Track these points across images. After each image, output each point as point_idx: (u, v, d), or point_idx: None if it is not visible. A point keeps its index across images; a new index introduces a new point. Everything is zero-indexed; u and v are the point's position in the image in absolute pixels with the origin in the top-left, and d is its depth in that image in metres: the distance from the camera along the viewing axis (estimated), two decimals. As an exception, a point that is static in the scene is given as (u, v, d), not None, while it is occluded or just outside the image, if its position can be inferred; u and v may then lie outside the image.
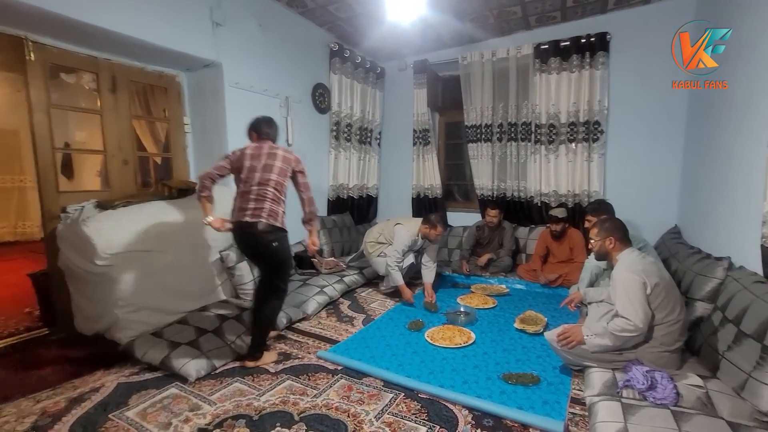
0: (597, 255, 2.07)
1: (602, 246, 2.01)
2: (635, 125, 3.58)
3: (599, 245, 2.03)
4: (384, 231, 3.32)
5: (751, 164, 2.09)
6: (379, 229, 3.42)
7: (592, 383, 1.76)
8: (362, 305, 3.11)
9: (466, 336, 2.42)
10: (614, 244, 1.97)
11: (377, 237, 3.35)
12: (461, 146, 4.74)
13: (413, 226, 3.14)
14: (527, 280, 3.53)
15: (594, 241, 2.06)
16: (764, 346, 1.51)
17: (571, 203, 3.83)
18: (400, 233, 3.10)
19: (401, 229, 3.13)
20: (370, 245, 3.37)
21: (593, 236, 2.07)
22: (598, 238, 2.03)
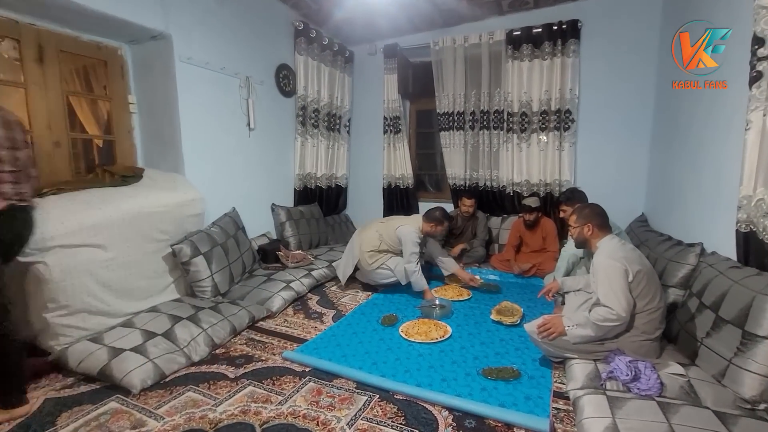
0: (576, 242, 2.01)
1: (581, 233, 1.95)
2: (605, 114, 3.59)
3: (578, 232, 1.96)
4: (384, 236, 2.96)
5: (722, 151, 2.09)
6: (375, 235, 2.98)
7: (575, 376, 1.69)
8: (332, 300, 2.93)
9: (442, 330, 2.30)
10: (593, 230, 1.91)
11: (377, 245, 2.98)
12: (432, 135, 4.63)
13: (416, 224, 2.94)
14: (501, 270, 3.48)
15: (572, 228, 1.99)
16: (745, 332, 1.48)
17: (543, 192, 3.81)
18: (409, 235, 2.82)
19: (409, 230, 2.84)
20: (370, 255, 2.93)
21: (572, 223, 2.00)
22: (576, 225, 1.97)
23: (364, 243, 2.99)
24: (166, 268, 2.49)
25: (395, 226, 2.92)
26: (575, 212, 2.00)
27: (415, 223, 2.93)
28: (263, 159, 3.58)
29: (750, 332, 1.46)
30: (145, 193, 2.36)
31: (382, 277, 2.99)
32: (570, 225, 2.02)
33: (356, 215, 4.88)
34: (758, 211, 1.61)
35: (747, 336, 1.47)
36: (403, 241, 2.84)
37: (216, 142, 3.04)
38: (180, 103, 2.70)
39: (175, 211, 2.50)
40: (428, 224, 2.89)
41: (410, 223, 2.95)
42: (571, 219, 2.01)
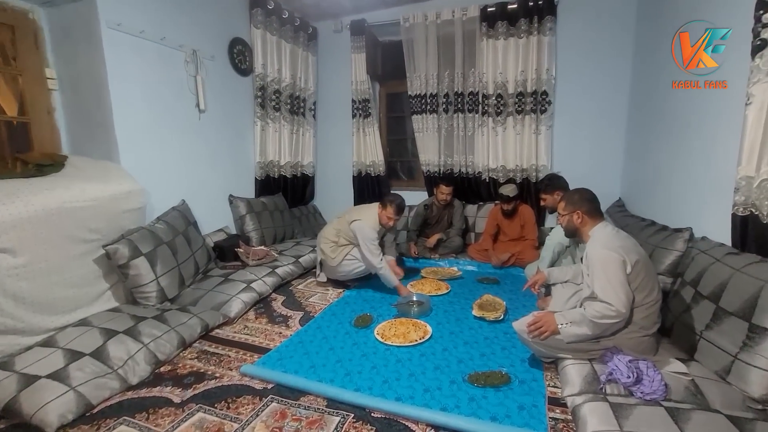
0: (566, 231, 1.84)
1: (570, 221, 1.78)
2: (581, 96, 3.47)
3: (567, 220, 1.79)
4: (341, 231, 2.75)
5: (713, 130, 1.97)
6: (333, 229, 2.79)
7: (570, 379, 1.53)
8: (299, 300, 2.66)
9: (421, 330, 2.09)
10: (583, 218, 1.74)
11: (336, 239, 2.76)
12: (403, 120, 4.38)
13: (371, 217, 2.69)
14: (479, 260, 3.32)
15: (561, 217, 1.82)
16: (752, 325, 1.36)
17: (519, 178, 3.67)
18: (361, 230, 2.59)
19: (361, 226, 2.61)
20: (331, 249, 2.75)
21: (560, 211, 1.83)
22: (565, 212, 1.79)
23: (323, 239, 2.82)
24: (100, 272, 2.12)
25: (350, 220, 2.69)
26: (563, 199, 1.83)
27: (371, 216, 2.69)
28: (218, 145, 3.20)
29: (758, 325, 1.34)
30: (66, 184, 1.97)
31: (351, 269, 2.75)
32: (559, 213, 1.85)
33: (325, 206, 4.58)
34: (762, 192, 1.48)
35: (754, 329, 1.35)
36: (358, 237, 2.62)
37: (158, 124, 2.64)
38: (110, 78, 2.29)
39: (108, 206, 2.13)
40: (381, 211, 2.68)
41: (366, 215, 2.69)
42: (560, 206, 1.84)
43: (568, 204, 1.78)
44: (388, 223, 2.69)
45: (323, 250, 2.80)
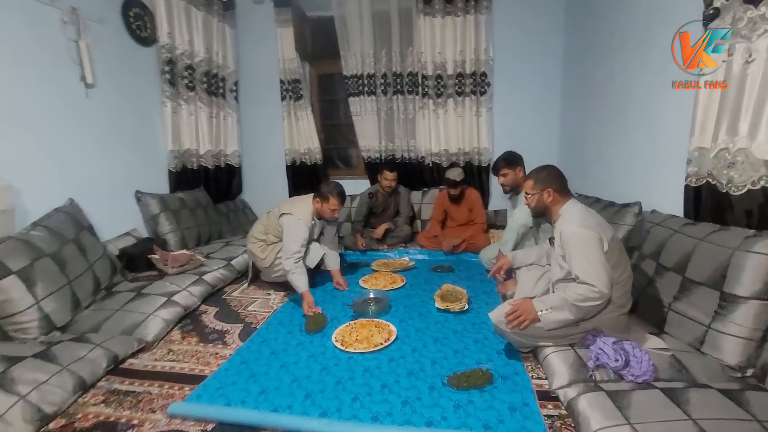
0: (535, 211, 1.74)
1: (540, 200, 1.68)
2: (519, 77, 3.49)
3: (536, 200, 1.69)
4: (270, 227, 2.39)
5: (657, 105, 2.02)
6: (261, 226, 2.43)
7: (556, 369, 1.42)
8: (236, 310, 2.26)
9: (385, 331, 1.87)
10: (553, 196, 1.65)
11: (265, 237, 2.39)
12: (338, 104, 4.07)
13: (304, 209, 2.35)
14: (429, 248, 3.19)
15: (530, 196, 1.71)
16: (724, 294, 1.37)
17: (462, 162, 3.61)
18: (290, 227, 2.26)
19: (289, 220, 2.27)
20: (259, 249, 2.40)
21: (528, 190, 1.72)
22: (534, 191, 1.68)
23: (251, 238, 2.45)
24: (-56, 303, 1.53)
25: (278, 214, 2.34)
26: (531, 177, 1.72)
27: (304, 208, 2.35)
28: (115, 129, 2.60)
29: (730, 293, 1.35)
30: None
31: None
32: (526, 192, 1.74)
33: (256, 200, 4.10)
34: (720, 162, 1.50)
35: (727, 298, 1.36)
36: (285, 233, 2.28)
37: (26, 100, 2.02)
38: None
39: (-49, 211, 1.53)
40: (316, 201, 2.36)
41: (298, 209, 2.33)
42: (527, 185, 1.73)
43: (537, 182, 1.68)
44: (333, 216, 2.39)
45: (252, 251, 2.43)
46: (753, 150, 1.35)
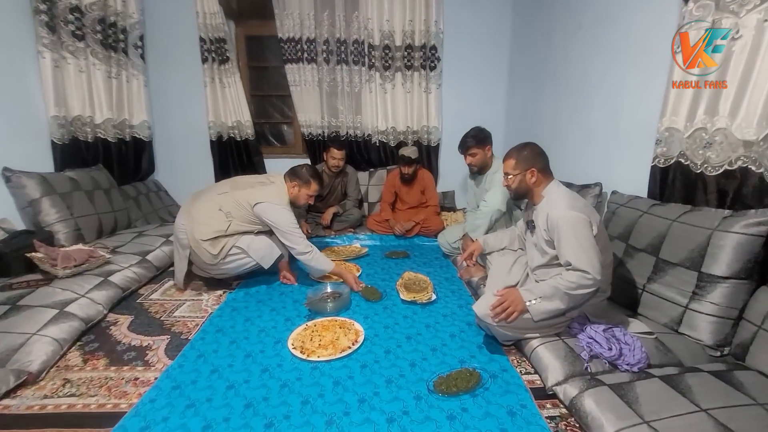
0: (516, 193, 1.60)
1: (522, 181, 1.55)
2: (466, 53, 3.37)
3: (518, 180, 1.55)
4: (234, 214, 1.98)
5: (619, 83, 2.01)
6: (217, 215, 1.97)
7: (548, 363, 1.32)
8: (158, 318, 1.82)
9: (352, 332, 1.62)
10: (537, 177, 1.53)
11: (224, 228, 1.95)
12: (270, 72, 3.58)
13: (279, 195, 2.03)
14: (380, 233, 2.98)
15: (512, 177, 1.57)
16: (702, 274, 1.37)
17: (411, 142, 3.42)
18: (277, 213, 1.99)
19: (275, 209, 1.99)
20: (211, 244, 1.94)
21: (509, 170, 1.57)
22: (516, 171, 1.55)
23: (200, 227, 1.95)
24: None
25: (251, 201, 1.98)
26: (512, 156, 1.57)
27: (277, 191, 2.05)
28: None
29: (708, 273, 1.35)
30: None
31: (235, 268, 2.04)
32: (506, 173, 1.59)
33: (173, 181, 3.48)
34: (695, 143, 1.49)
35: (705, 278, 1.36)
36: (274, 223, 2.00)
37: None
38: None
39: None
40: (292, 185, 2.08)
41: (271, 192, 2.02)
42: (507, 165, 1.58)
43: (519, 161, 1.54)
44: (308, 202, 2.15)
45: (198, 242, 1.95)
46: (733, 130, 1.35)
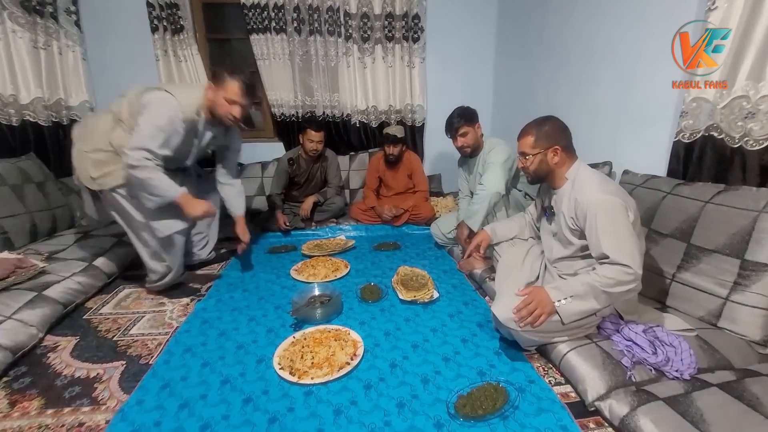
0: (535, 176, 1.39)
1: (543, 161, 1.34)
2: (451, 23, 3.10)
3: (538, 161, 1.34)
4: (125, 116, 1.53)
5: (632, 51, 1.82)
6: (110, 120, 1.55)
7: (584, 373, 1.14)
8: (109, 338, 1.51)
9: (349, 344, 1.38)
10: (560, 156, 1.32)
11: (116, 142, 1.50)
12: (233, 45, 3.16)
13: (186, 92, 1.58)
14: (366, 222, 2.72)
15: (531, 157, 1.35)
16: (745, 262, 1.22)
17: (393, 122, 3.15)
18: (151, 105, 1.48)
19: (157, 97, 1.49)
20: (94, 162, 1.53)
21: (527, 149, 1.35)
22: (536, 150, 1.33)
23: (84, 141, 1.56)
24: None
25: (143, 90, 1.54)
26: (530, 132, 1.35)
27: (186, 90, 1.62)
28: None
29: (754, 261, 1.20)
30: None
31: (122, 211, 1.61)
32: (523, 153, 1.37)
33: (124, 171, 3.05)
34: (733, 113, 1.33)
35: (750, 266, 1.21)
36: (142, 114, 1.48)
37: None
38: None
39: None
40: (213, 92, 1.58)
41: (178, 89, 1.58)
42: (524, 143, 1.36)
43: (540, 138, 1.32)
44: (229, 115, 1.59)
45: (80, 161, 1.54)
46: (784, 97, 1.18)
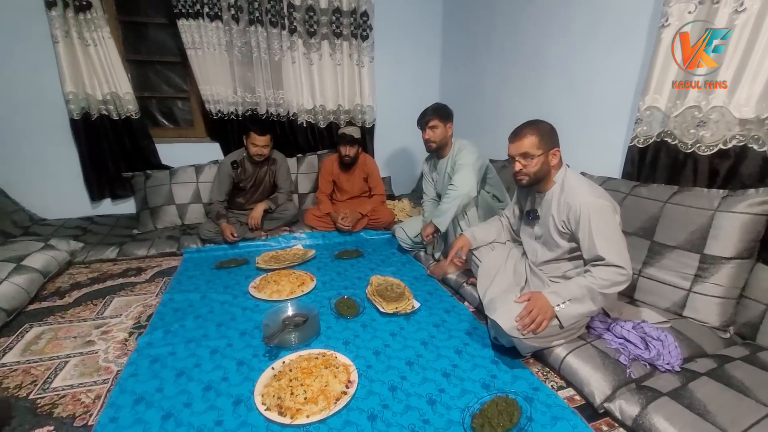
0: (534, 179, 1.34)
1: (545, 164, 1.33)
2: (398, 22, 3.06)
3: (540, 163, 1.31)
4: None
5: (580, 60, 1.95)
6: None
7: (587, 376, 1.16)
8: (23, 398, 1.16)
9: (341, 370, 1.24)
10: (557, 158, 1.34)
11: None
12: (151, 31, 2.74)
13: None
14: (322, 229, 2.55)
15: (535, 159, 1.31)
16: (705, 256, 1.35)
17: (343, 123, 3.01)
18: None
19: None
20: None
21: (531, 149, 1.30)
22: (540, 151, 1.30)
23: None
24: None
25: None
26: (533, 132, 1.30)
27: None
28: None
29: (712, 255, 1.33)
30: None
31: None
32: (526, 154, 1.30)
33: (15, 178, 2.47)
34: (686, 121, 1.47)
35: (708, 260, 1.34)
36: None
37: None
38: None
39: None
40: None
41: None
42: (528, 143, 1.30)
43: (543, 139, 1.30)
44: None
45: None
46: (731, 108, 1.32)
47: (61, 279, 1.94)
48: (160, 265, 2.11)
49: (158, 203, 2.54)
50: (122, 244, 2.22)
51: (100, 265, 2.10)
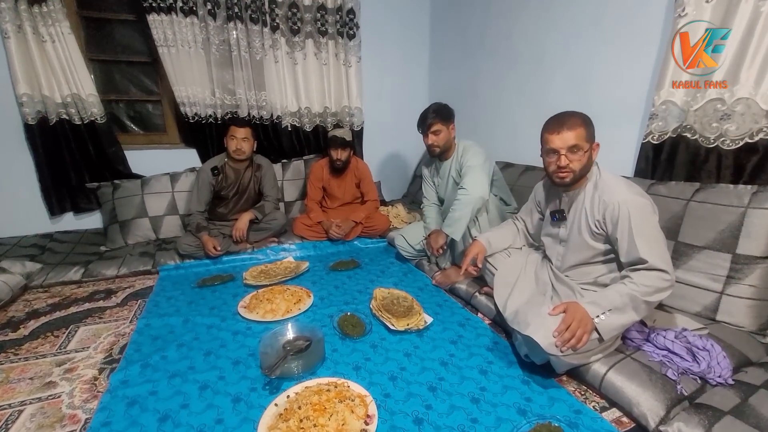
0: (579, 175, 1.20)
1: (590, 158, 1.21)
2: (385, 21, 2.94)
3: (587, 158, 1.19)
4: None
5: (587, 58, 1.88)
6: None
7: (634, 395, 1.04)
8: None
9: (357, 402, 1.07)
10: (597, 152, 1.23)
11: None
12: (114, 28, 2.49)
13: None
14: (314, 239, 2.36)
15: (582, 153, 1.17)
16: (737, 256, 1.27)
17: (330, 126, 2.85)
18: None
19: None
20: None
21: (580, 141, 1.16)
22: (587, 144, 1.17)
23: None
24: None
25: None
26: (579, 124, 1.17)
27: None
28: None
29: (745, 255, 1.26)
30: None
31: None
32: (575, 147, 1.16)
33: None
34: (707, 115, 1.40)
35: (742, 260, 1.27)
36: None
37: None
38: None
39: None
40: None
41: None
42: (578, 136, 1.16)
43: (590, 130, 1.18)
44: None
45: None
46: (758, 99, 1.26)
47: (14, 307, 1.67)
48: (133, 286, 1.87)
49: (129, 216, 2.29)
50: (88, 263, 1.97)
51: (61, 289, 1.84)
